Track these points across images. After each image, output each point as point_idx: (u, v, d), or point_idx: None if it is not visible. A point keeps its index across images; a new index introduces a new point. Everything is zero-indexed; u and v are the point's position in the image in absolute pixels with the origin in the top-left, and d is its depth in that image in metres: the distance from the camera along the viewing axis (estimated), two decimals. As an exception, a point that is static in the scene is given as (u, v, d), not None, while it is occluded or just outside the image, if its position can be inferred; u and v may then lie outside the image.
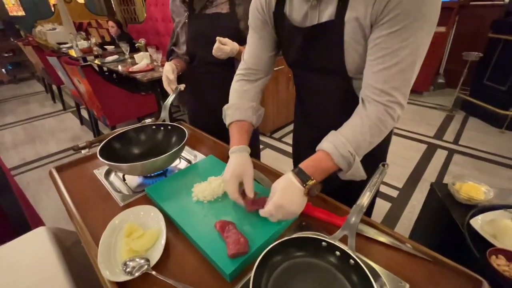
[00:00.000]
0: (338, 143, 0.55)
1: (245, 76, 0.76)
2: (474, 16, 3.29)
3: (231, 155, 0.66)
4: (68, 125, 3.24)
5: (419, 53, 0.51)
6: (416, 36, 0.49)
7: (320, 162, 0.56)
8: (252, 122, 0.73)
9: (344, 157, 0.55)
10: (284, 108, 2.65)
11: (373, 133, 0.55)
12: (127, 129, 0.88)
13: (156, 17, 3.49)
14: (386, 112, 0.54)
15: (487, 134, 2.56)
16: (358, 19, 0.52)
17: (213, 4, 1.03)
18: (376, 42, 0.52)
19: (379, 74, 0.53)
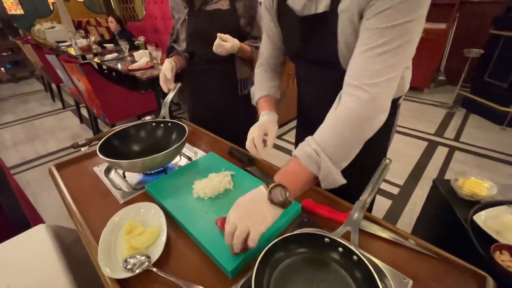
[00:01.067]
0: (303, 144, 0.53)
1: (265, 64, 0.85)
2: (475, 13, 3.27)
3: (262, 116, 0.74)
4: (67, 124, 3.23)
5: (410, 35, 0.47)
6: (407, 16, 0.45)
7: (287, 166, 0.53)
8: (276, 96, 0.83)
9: (309, 156, 0.50)
10: (286, 104, 2.63)
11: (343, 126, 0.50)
12: (127, 126, 0.88)
13: (155, 15, 3.47)
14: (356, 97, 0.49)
15: (488, 131, 2.55)
16: (348, 11, 0.52)
17: (213, 1, 1.02)
18: (364, 25, 0.50)
19: (360, 56, 0.50)
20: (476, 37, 3.34)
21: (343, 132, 0.50)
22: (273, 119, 0.74)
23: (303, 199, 0.64)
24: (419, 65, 3.23)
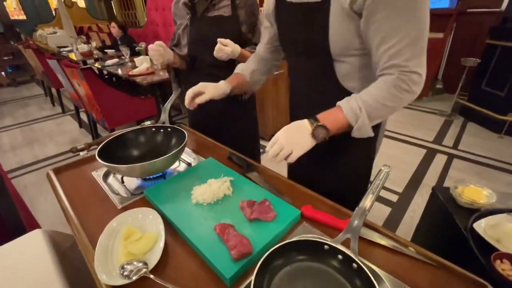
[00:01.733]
0: (349, 98, 0.61)
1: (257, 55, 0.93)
2: (472, 23, 3.32)
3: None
4: (67, 128, 3.23)
5: (422, 27, 0.53)
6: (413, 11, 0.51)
7: (332, 111, 0.62)
8: (246, 78, 0.92)
9: (352, 110, 0.59)
10: (283, 112, 2.65)
11: (387, 97, 0.58)
12: (126, 131, 0.88)
13: (157, 22, 3.51)
14: (400, 79, 0.56)
15: (486, 139, 2.56)
16: (340, 2, 0.57)
17: (215, 7, 1.03)
18: (375, 26, 0.55)
19: (385, 54, 0.56)
20: (473, 46, 3.38)
21: (384, 100, 0.58)
22: (221, 86, 0.85)
23: (303, 205, 0.64)
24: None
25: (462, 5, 3.27)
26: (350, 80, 0.68)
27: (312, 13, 0.64)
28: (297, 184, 0.75)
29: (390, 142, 2.57)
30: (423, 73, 0.56)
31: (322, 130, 0.59)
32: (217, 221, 0.59)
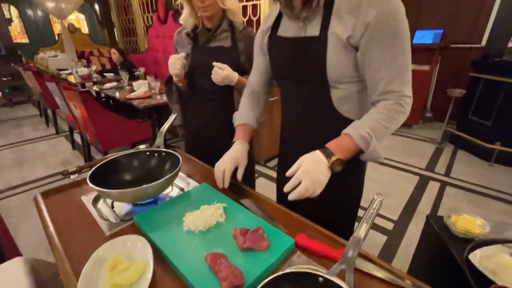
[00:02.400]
0: (357, 126, 0.64)
1: (251, 92, 0.96)
2: (455, 57, 3.54)
3: (235, 145, 0.85)
4: (59, 149, 3.18)
5: (408, 57, 0.62)
6: (400, 44, 0.60)
7: (342, 141, 0.65)
8: (254, 126, 0.93)
9: (362, 137, 0.62)
10: (278, 137, 2.67)
11: (387, 119, 0.63)
12: (120, 155, 0.87)
13: (157, 48, 3.64)
14: (397, 103, 0.63)
15: (476, 167, 2.61)
16: (337, 35, 0.63)
17: (216, 38, 1.09)
18: (370, 56, 0.62)
19: (381, 81, 0.63)
20: (458, 78, 3.57)
21: (385, 122, 0.64)
22: (244, 150, 0.85)
23: (297, 233, 0.62)
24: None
25: (445, 41, 3.50)
26: (344, 104, 0.72)
27: (310, 46, 0.68)
28: (291, 211, 0.74)
29: (384, 168, 2.60)
30: (412, 96, 0.65)
31: (339, 163, 0.62)
32: (209, 250, 0.57)
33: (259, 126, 0.95)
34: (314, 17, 0.67)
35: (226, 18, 1.09)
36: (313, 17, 0.67)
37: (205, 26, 1.10)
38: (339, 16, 0.63)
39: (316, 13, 0.66)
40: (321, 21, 0.65)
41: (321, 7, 0.65)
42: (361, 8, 0.60)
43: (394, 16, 0.59)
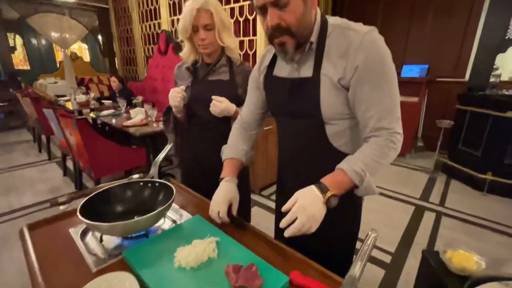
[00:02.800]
0: (350, 161, 0.66)
1: (241, 126, 0.97)
2: (442, 90, 3.72)
3: (222, 182, 0.84)
4: (49, 176, 3.11)
5: (396, 97, 0.66)
6: (388, 85, 0.65)
7: (336, 176, 0.66)
8: (242, 160, 0.92)
9: (356, 173, 0.64)
10: (273, 166, 2.69)
11: (380, 155, 0.65)
12: (113, 185, 0.86)
13: (156, 77, 3.76)
14: (388, 139, 0.66)
15: (470, 197, 2.62)
16: (329, 77, 0.68)
17: (215, 73, 1.15)
18: (360, 96, 0.66)
19: (372, 119, 0.66)
20: (445, 109, 3.72)
21: (378, 158, 0.66)
22: (234, 186, 0.84)
23: (292, 270, 0.61)
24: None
25: (431, 75, 3.70)
26: (339, 139, 0.74)
27: (304, 86, 0.72)
28: (286, 247, 0.72)
29: (379, 198, 2.59)
30: (402, 133, 0.68)
31: (334, 199, 0.63)
32: (200, 289, 0.55)
33: (247, 161, 0.94)
34: (307, 59, 0.72)
35: (225, 54, 1.15)
36: (306, 60, 0.72)
37: (204, 61, 1.16)
38: (330, 59, 0.68)
39: (309, 56, 0.71)
40: (313, 64, 0.70)
41: (313, 50, 0.70)
42: (349, 53, 0.65)
43: (380, 60, 0.64)
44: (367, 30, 0.65)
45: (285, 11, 0.63)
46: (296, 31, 0.65)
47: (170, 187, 0.85)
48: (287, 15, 0.64)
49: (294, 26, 0.65)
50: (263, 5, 0.64)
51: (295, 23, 0.65)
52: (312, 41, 0.69)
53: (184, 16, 1.03)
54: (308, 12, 0.66)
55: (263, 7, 0.65)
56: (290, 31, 0.65)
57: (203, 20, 1.02)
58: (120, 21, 4.57)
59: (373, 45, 0.63)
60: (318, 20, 0.70)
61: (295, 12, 0.64)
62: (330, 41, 0.68)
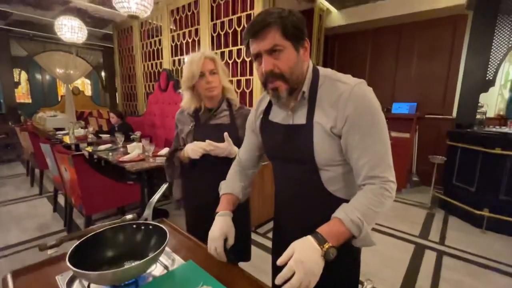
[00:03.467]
0: (347, 211, 0.65)
1: (239, 165, 0.99)
2: (432, 126, 3.86)
3: (218, 217, 0.84)
4: (39, 212, 3.01)
5: (387, 145, 0.68)
6: (378, 133, 0.67)
7: (333, 227, 0.64)
8: (239, 196, 0.92)
9: (354, 222, 0.63)
10: (269, 202, 2.65)
11: (375, 204, 0.65)
12: (105, 229, 0.85)
13: (155, 112, 3.86)
14: (383, 188, 0.67)
15: (469, 234, 2.57)
16: (322, 125, 0.71)
17: (216, 117, 1.22)
18: (352, 144, 0.69)
19: (365, 166, 0.68)
20: (437, 144, 3.82)
21: (374, 207, 0.65)
22: (229, 220, 0.84)
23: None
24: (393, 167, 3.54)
25: (420, 112, 3.87)
26: (334, 184, 0.76)
27: (298, 133, 0.75)
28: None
29: (378, 236, 2.53)
30: (395, 181, 0.69)
31: (333, 251, 0.61)
32: None
33: (244, 197, 0.95)
34: (300, 107, 0.76)
35: (225, 98, 1.23)
36: (300, 108, 0.77)
37: (206, 106, 1.23)
38: (322, 108, 0.72)
39: (302, 104, 0.76)
40: (306, 111, 0.74)
41: (306, 99, 0.75)
42: (340, 103, 0.68)
43: (370, 110, 0.67)
44: (356, 82, 0.69)
45: (279, 59, 0.68)
46: (289, 78, 0.70)
47: (163, 231, 0.83)
48: (281, 62, 0.68)
49: (287, 73, 0.69)
50: (258, 53, 0.69)
51: (288, 71, 0.69)
52: (304, 90, 0.74)
53: (191, 64, 1.12)
54: (300, 62, 0.72)
55: (259, 55, 0.70)
56: (283, 77, 0.70)
57: (209, 66, 1.14)
58: (124, 59, 4.82)
59: (362, 96, 0.67)
60: (310, 71, 0.75)
61: (288, 61, 0.69)
62: (322, 91, 0.73)
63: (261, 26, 0.66)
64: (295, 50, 0.69)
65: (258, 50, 0.69)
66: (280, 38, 0.67)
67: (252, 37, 0.69)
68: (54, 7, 4.09)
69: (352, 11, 3.87)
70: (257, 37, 0.68)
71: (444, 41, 3.65)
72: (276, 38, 0.66)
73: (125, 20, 4.43)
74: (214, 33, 3.08)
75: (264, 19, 0.67)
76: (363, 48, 4.36)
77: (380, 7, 3.62)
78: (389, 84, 4.18)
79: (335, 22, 4.05)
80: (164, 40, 3.76)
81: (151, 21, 3.93)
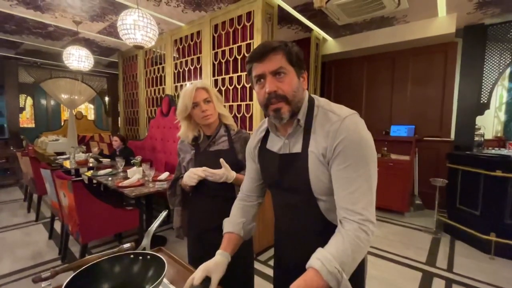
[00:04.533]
0: (324, 260, 0.61)
1: (241, 199, 0.99)
2: (431, 148, 3.87)
3: (216, 255, 0.82)
4: (33, 239, 2.94)
5: (371, 180, 0.67)
6: (364, 168, 0.67)
7: (311, 281, 0.60)
8: (240, 234, 0.90)
9: (332, 274, 0.59)
10: (269, 228, 2.58)
11: (354, 249, 0.63)
12: (101, 260, 0.83)
13: (156, 137, 3.90)
14: (360, 229, 0.64)
15: (478, 261, 2.48)
16: (315, 153, 0.72)
17: (215, 143, 1.24)
18: (337, 174, 0.69)
19: (346, 198, 0.67)
20: (437, 167, 3.81)
21: (353, 253, 0.63)
22: (221, 261, 0.81)
23: None
24: (395, 190, 3.51)
25: (419, 134, 3.90)
26: (332, 213, 0.75)
27: (294, 161, 0.76)
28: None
29: (382, 263, 2.44)
30: (375, 221, 0.67)
31: None
32: None
33: (247, 233, 0.92)
34: (296, 136, 0.78)
35: (222, 124, 1.26)
36: (295, 136, 0.78)
37: (205, 134, 1.26)
38: (316, 138, 0.74)
39: (298, 132, 0.78)
40: (302, 140, 0.76)
41: (301, 127, 0.77)
42: (330, 134, 0.70)
43: (359, 143, 0.67)
44: (348, 114, 0.71)
45: (282, 81, 0.71)
46: (291, 100, 0.73)
47: (161, 261, 0.81)
48: (284, 85, 0.72)
49: (290, 95, 0.72)
50: (262, 74, 0.72)
51: (291, 93, 0.72)
52: (299, 118, 0.76)
53: (183, 97, 1.18)
54: (300, 88, 0.75)
55: (262, 76, 0.73)
56: (286, 98, 0.72)
57: (202, 95, 1.19)
58: (127, 85, 4.97)
59: (352, 128, 0.68)
60: (306, 101, 0.78)
61: (291, 84, 0.72)
62: (316, 121, 0.75)
63: (268, 49, 0.71)
64: (297, 77, 0.74)
65: (263, 72, 0.72)
66: (285, 62, 0.71)
67: (258, 60, 0.72)
68: (63, 38, 4.29)
69: (347, 39, 4.05)
70: (263, 60, 0.71)
71: (437, 66, 3.79)
72: (282, 62, 0.71)
73: (130, 49, 4.63)
74: (216, 61, 3.20)
75: (270, 44, 0.71)
76: (359, 73, 4.51)
77: (373, 35, 3.80)
78: (386, 107, 4.27)
79: (331, 49, 4.23)
80: (167, 67, 3.90)
81: (155, 50, 4.11)
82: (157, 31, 2.56)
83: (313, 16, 3.26)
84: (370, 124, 0.74)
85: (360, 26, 3.61)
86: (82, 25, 3.67)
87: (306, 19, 3.36)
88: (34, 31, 3.97)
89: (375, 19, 3.36)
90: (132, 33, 2.37)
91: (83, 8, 3.14)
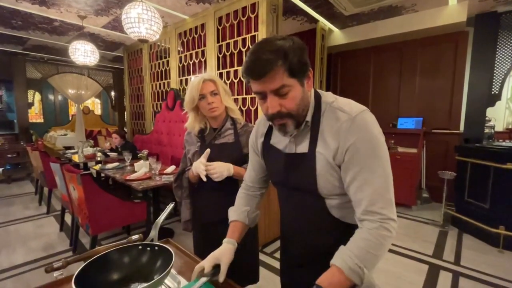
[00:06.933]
0: (346, 257, 0.61)
1: (245, 189, 0.99)
2: (439, 141, 3.80)
3: (223, 243, 0.85)
4: (45, 231, 3.02)
5: (388, 178, 0.65)
6: (380, 167, 0.64)
7: (333, 278, 0.61)
8: (245, 222, 0.91)
9: (353, 271, 0.59)
10: (275, 220, 2.61)
11: (375, 247, 0.62)
12: (111, 251, 0.84)
13: (162, 131, 3.92)
14: (382, 227, 0.63)
15: (486, 254, 2.45)
16: (324, 155, 0.69)
17: (221, 136, 1.24)
18: (352, 176, 0.66)
19: (364, 200, 0.64)
20: (446, 159, 3.75)
21: (374, 251, 0.62)
22: (228, 248, 0.83)
23: None
24: (402, 183, 3.47)
25: (427, 127, 3.83)
26: (339, 211, 0.74)
27: (300, 162, 0.74)
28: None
29: (389, 256, 2.44)
30: (396, 218, 0.65)
31: None
32: None
33: (251, 221, 0.93)
34: (302, 135, 0.75)
35: (229, 117, 1.25)
36: (302, 136, 0.75)
37: (211, 126, 1.26)
38: (324, 138, 0.69)
39: (305, 132, 0.74)
40: (309, 141, 0.72)
41: (309, 127, 0.73)
42: (341, 134, 0.66)
43: (371, 141, 0.64)
44: (357, 112, 0.66)
45: (285, 98, 0.66)
46: (295, 115, 0.69)
47: (169, 252, 0.82)
48: (287, 102, 0.66)
49: (294, 111, 0.68)
50: (263, 92, 0.66)
51: (295, 108, 0.68)
52: (308, 119, 0.72)
53: (191, 88, 1.17)
54: (306, 95, 0.70)
55: (263, 93, 0.66)
56: (290, 115, 0.68)
57: (209, 88, 1.18)
58: (133, 80, 4.99)
59: (363, 128, 0.65)
60: (312, 99, 0.74)
61: (295, 99, 0.66)
62: (324, 120, 0.71)
63: (267, 69, 0.61)
64: (301, 86, 0.67)
65: (263, 90, 0.65)
66: (287, 78, 0.63)
67: (256, 79, 0.64)
68: (68, 33, 4.31)
69: (353, 30, 3.97)
70: (260, 79, 0.63)
71: (447, 57, 3.69)
72: (283, 79, 0.63)
73: (135, 43, 4.63)
74: (220, 54, 3.18)
75: (267, 61, 0.61)
76: (366, 65, 4.43)
77: (380, 26, 3.71)
78: (394, 99, 4.19)
79: (337, 41, 4.15)
80: (172, 61, 3.89)
81: (159, 44, 4.10)
82: (161, 25, 2.54)
83: (319, 6, 3.19)
84: (377, 117, 0.71)
85: (367, 16, 3.52)
86: (87, 20, 3.67)
87: (311, 10, 3.29)
88: (40, 26, 4.00)
89: (382, 9, 3.28)
90: (137, 26, 2.36)
91: (88, 2, 3.14)
